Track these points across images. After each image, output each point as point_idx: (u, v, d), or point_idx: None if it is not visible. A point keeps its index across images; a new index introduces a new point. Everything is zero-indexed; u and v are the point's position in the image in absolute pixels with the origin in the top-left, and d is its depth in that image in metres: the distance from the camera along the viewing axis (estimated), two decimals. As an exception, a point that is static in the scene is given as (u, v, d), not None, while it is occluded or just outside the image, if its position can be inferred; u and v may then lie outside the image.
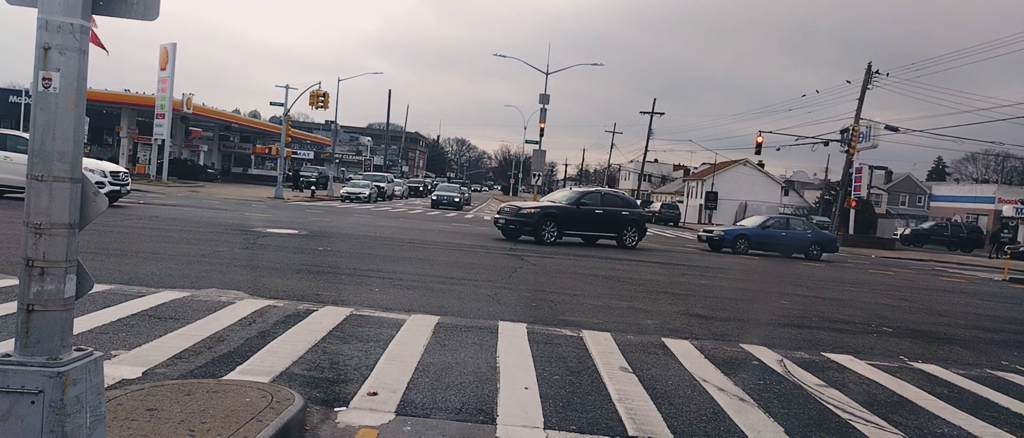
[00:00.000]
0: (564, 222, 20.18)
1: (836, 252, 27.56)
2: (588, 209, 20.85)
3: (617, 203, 21.95)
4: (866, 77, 37.41)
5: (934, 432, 5.43)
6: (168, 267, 9.89)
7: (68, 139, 2.90)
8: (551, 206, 20.88)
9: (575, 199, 21.20)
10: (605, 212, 21.09)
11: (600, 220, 20.99)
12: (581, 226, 20.81)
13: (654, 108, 68.81)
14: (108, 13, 3.08)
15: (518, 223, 20.08)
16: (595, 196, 21.69)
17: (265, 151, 68.55)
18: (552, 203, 21.42)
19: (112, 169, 20.08)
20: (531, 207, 20.96)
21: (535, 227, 19.73)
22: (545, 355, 6.64)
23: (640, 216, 22.23)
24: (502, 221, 20.69)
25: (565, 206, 20.76)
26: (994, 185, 63.56)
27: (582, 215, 20.69)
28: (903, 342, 9.48)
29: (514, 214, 20.48)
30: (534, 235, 19.79)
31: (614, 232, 21.30)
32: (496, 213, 21.88)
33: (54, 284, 2.90)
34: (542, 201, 22.56)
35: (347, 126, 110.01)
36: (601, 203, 21.32)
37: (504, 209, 21.34)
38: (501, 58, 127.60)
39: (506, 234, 20.71)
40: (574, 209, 20.63)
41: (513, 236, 20.44)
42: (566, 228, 20.28)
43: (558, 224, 19.99)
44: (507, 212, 20.92)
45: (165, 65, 41.60)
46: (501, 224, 20.75)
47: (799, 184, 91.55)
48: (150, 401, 4.20)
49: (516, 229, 20.15)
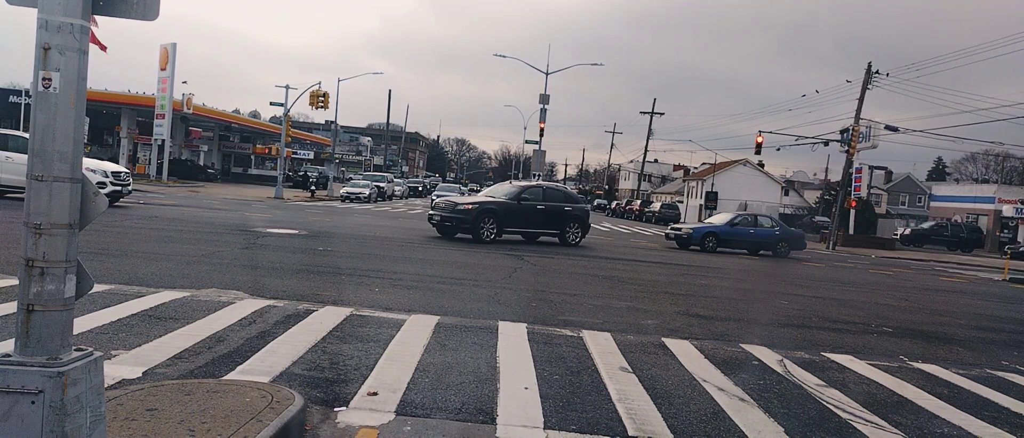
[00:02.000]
0: (504, 218, 18.91)
1: (803, 249, 27.63)
2: (529, 204, 19.62)
3: (559, 198, 20.81)
4: (866, 77, 37.40)
5: (934, 432, 5.43)
6: (168, 267, 9.89)
7: (68, 139, 2.90)
8: (490, 202, 19.40)
9: (516, 194, 19.84)
10: (547, 208, 19.95)
11: (542, 216, 19.85)
12: (522, 222, 19.60)
13: (654, 108, 69.00)
14: (108, 13, 3.08)
15: (455, 220, 18.69)
16: (536, 191, 20.50)
17: (265, 151, 68.54)
18: (491, 198, 19.87)
19: (114, 169, 20.09)
20: (468, 203, 19.47)
21: (473, 224, 18.42)
22: (545, 355, 6.64)
23: (584, 211, 21.19)
24: (437, 218, 19.24)
25: (505, 201, 19.40)
26: (994, 185, 63.52)
27: (523, 211, 19.47)
28: (903, 342, 9.48)
29: (450, 210, 18.97)
30: (471, 232, 18.49)
31: (557, 229, 20.27)
32: (430, 209, 20.29)
33: (54, 284, 2.90)
34: (479, 196, 21.12)
35: (347, 126, 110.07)
36: (543, 198, 20.14)
37: (439, 204, 19.82)
38: (501, 58, 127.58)
39: (441, 232, 19.35)
40: (515, 204, 19.35)
41: (449, 234, 19.12)
42: (506, 225, 19.02)
43: (498, 221, 18.72)
44: (442, 208, 19.35)
45: (165, 65, 41.61)
46: (436, 221, 19.32)
47: (799, 184, 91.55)
48: (150, 401, 4.20)
49: (452, 226, 18.78)
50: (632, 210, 61.93)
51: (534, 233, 20.25)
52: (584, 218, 20.89)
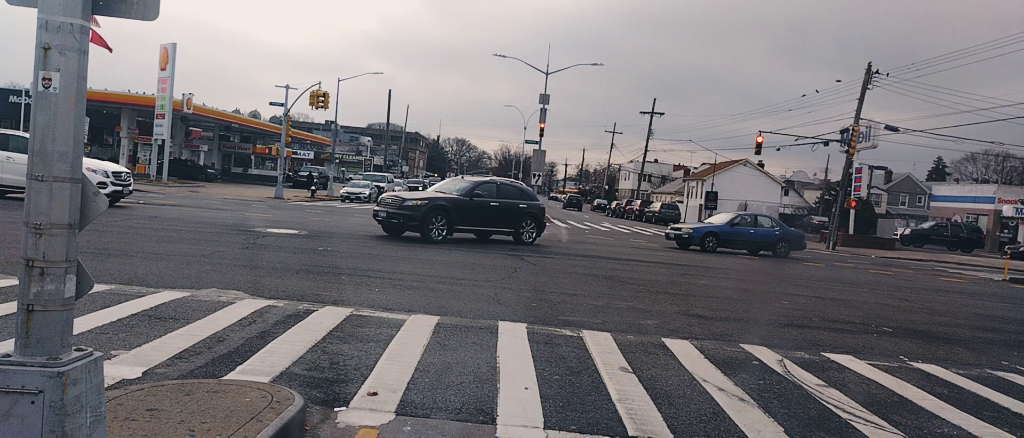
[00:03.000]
0: (455, 216, 17.77)
1: (803, 249, 27.61)
2: (483, 201, 18.47)
3: (514, 194, 19.64)
4: (866, 77, 37.39)
5: (934, 432, 5.43)
6: (168, 267, 9.89)
7: (68, 139, 2.90)
8: (440, 198, 18.13)
9: (468, 190, 18.61)
10: (502, 205, 18.87)
11: (496, 213, 18.76)
12: (475, 220, 18.49)
13: (654, 108, 69.01)
14: (108, 13, 3.08)
15: (402, 217, 17.40)
16: (490, 186, 19.35)
17: (265, 151, 68.56)
18: (442, 194, 18.63)
19: (115, 169, 20.10)
20: (417, 199, 17.97)
21: (421, 222, 17.22)
22: (545, 355, 6.64)
23: (539, 209, 20.01)
24: (382, 214, 17.87)
25: (457, 198, 18.18)
26: (994, 185, 63.47)
27: (476, 208, 18.33)
28: (903, 342, 9.48)
29: (397, 206, 17.58)
30: (420, 231, 17.33)
31: (511, 227, 19.21)
32: (375, 204, 18.83)
33: (54, 284, 2.90)
34: (429, 192, 19.79)
35: (347, 126, 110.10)
36: (497, 194, 19.01)
37: (385, 200, 18.35)
38: (501, 58, 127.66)
39: (387, 230, 18.21)
40: (467, 201, 18.18)
41: (395, 232, 17.96)
42: (458, 223, 17.92)
43: (448, 218, 17.58)
44: (389, 204, 17.92)
45: (165, 65, 41.61)
46: (381, 218, 17.97)
47: (799, 184, 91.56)
48: (150, 401, 4.20)
49: (399, 224, 17.56)
50: (632, 210, 61.92)
51: (487, 231, 19.30)
52: (539, 215, 20.00)
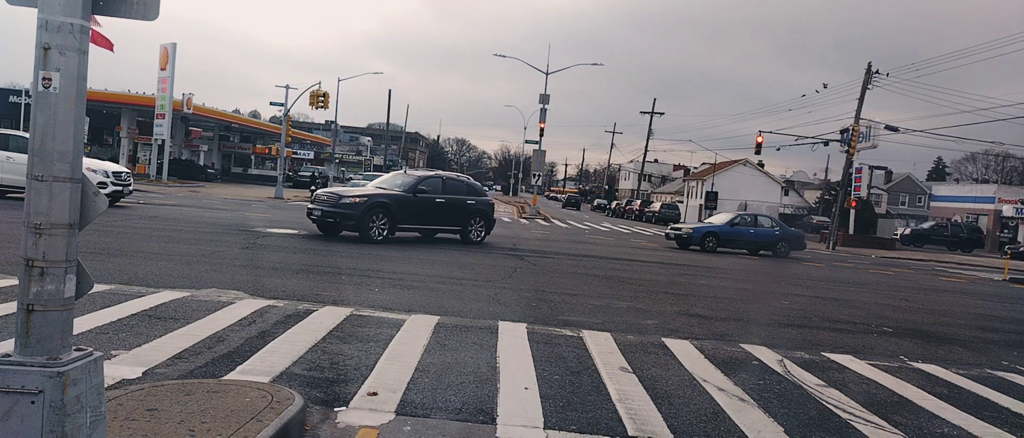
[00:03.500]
0: (398, 214, 16.57)
1: (803, 249, 27.59)
2: (427, 197, 17.36)
3: (461, 190, 18.59)
4: (866, 77, 37.38)
5: (934, 432, 5.43)
6: (168, 267, 9.89)
7: (68, 139, 2.90)
8: (381, 194, 16.81)
9: (411, 185, 17.36)
10: (448, 201, 17.81)
11: (442, 210, 17.71)
12: (419, 218, 17.36)
13: (654, 108, 69.06)
14: (108, 13, 3.08)
15: (338, 216, 16.09)
16: (435, 181, 18.16)
17: (265, 151, 68.54)
18: (383, 191, 17.22)
19: (115, 169, 20.10)
20: (355, 195, 16.56)
21: (360, 220, 15.90)
22: (545, 355, 6.64)
23: (488, 205, 18.95)
24: (317, 213, 16.47)
25: (399, 194, 16.96)
26: (994, 185, 63.49)
27: (420, 205, 17.20)
28: (903, 342, 9.48)
29: (333, 204, 16.23)
30: (359, 230, 16.04)
31: (458, 224, 18.20)
32: (310, 202, 17.39)
33: (54, 284, 2.90)
34: (368, 188, 18.11)
35: (347, 126, 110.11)
36: (442, 190, 17.91)
37: (321, 197, 16.91)
38: (501, 58, 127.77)
39: (323, 229, 17.03)
40: (410, 197, 17.01)
41: (332, 231, 16.79)
42: (401, 221, 16.74)
43: (390, 217, 16.36)
44: (324, 202, 16.52)
45: (165, 65, 41.60)
46: (316, 217, 16.60)
47: (799, 184, 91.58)
48: (150, 401, 4.20)
49: (335, 223, 16.34)
50: (632, 210, 61.93)
51: (432, 230, 18.28)
52: (488, 212, 18.96)
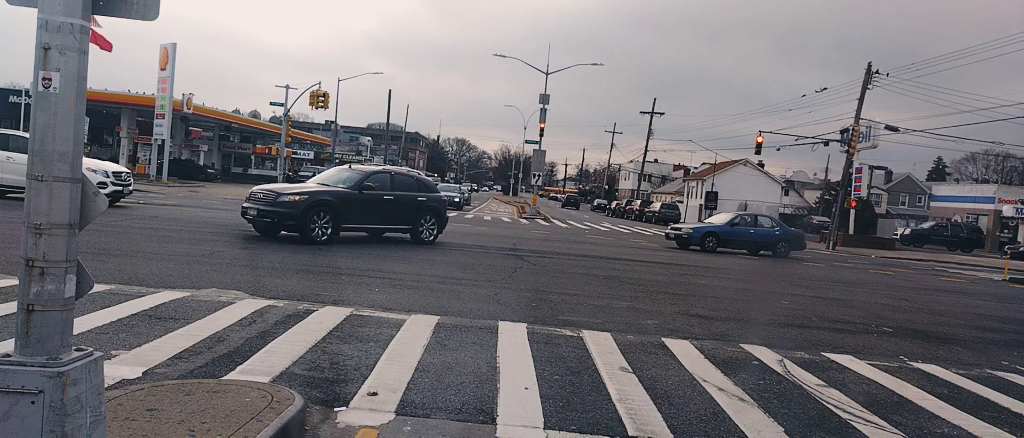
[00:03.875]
0: (342, 212, 15.22)
1: (803, 249, 27.55)
2: (374, 194, 16.09)
3: (411, 186, 17.35)
4: (866, 77, 37.37)
5: (934, 432, 5.43)
6: (168, 267, 9.89)
7: (68, 139, 2.90)
8: (324, 192, 15.32)
9: (357, 182, 15.99)
10: (397, 198, 16.58)
11: (391, 208, 16.47)
12: (366, 217, 16.08)
13: (654, 108, 69.03)
14: (108, 13, 3.08)
15: (277, 215, 14.55)
16: (383, 177, 16.84)
17: (265, 151, 68.50)
18: (325, 188, 15.75)
19: (115, 169, 20.10)
20: (295, 193, 15.01)
21: (301, 220, 14.43)
22: (545, 355, 6.64)
23: (440, 202, 17.76)
24: (253, 212, 14.88)
25: (344, 191, 15.61)
26: (994, 185, 63.48)
27: (367, 202, 15.91)
28: (903, 342, 9.48)
29: (271, 202, 14.67)
30: (299, 230, 14.61)
31: (409, 223, 16.99)
32: (245, 200, 15.60)
33: (54, 284, 2.90)
34: (309, 185, 16.70)
35: (347, 126, 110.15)
36: (391, 186, 16.69)
37: (256, 195, 15.20)
38: (501, 58, 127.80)
39: (259, 230, 15.44)
40: (356, 194, 15.69)
41: (269, 232, 15.25)
42: (346, 221, 15.43)
43: (334, 215, 14.98)
44: (260, 200, 14.91)
45: (165, 65, 41.59)
46: (252, 216, 14.99)
47: (799, 184, 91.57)
48: (150, 401, 4.20)
49: (274, 223, 14.74)
50: (632, 210, 61.92)
51: (380, 229, 17.12)
52: (441, 210, 17.74)
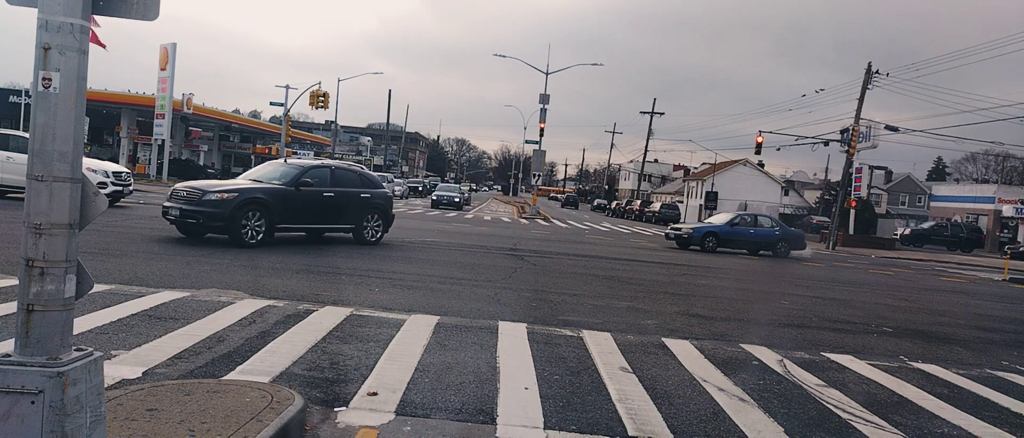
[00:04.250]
0: (277, 211, 13.63)
1: (804, 249, 27.48)
2: (313, 191, 14.55)
3: (353, 182, 15.75)
4: (866, 77, 37.37)
5: (934, 432, 5.43)
6: (168, 267, 9.89)
7: (68, 139, 2.90)
8: (256, 189, 13.68)
9: (293, 177, 14.42)
10: (338, 195, 15.07)
11: (331, 206, 14.99)
12: (304, 216, 14.52)
13: (654, 108, 69.05)
14: (108, 13, 3.08)
15: (202, 215, 12.88)
16: (322, 172, 15.16)
17: (265, 151, 68.52)
18: (258, 184, 14.12)
19: (115, 169, 20.12)
20: (223, 190, 13.32)
21: (230, 221, 12.81)
22: (545, 355, 6.64)
23: (385, 199, 16.31)
24: (175, 212, 13.23)
25: (278, 188, 14.02)
26: (994, 185, 63.47)
27: (304, 200, 14.35)
28: (903, 342, 9.48)
29: (196, 201, 13.07)
30: (228, 232, 12.99)
31: (351, 222, 15.58)
32: (167, 199, 13.81)
33: (54, 284, 2.90)
34: (240, 181, 14.93)
35: (347, 126, 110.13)
36: (331, 182, 15.10)
37: (179, 193, 13.48)
38: (501, 58, 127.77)
39: (183, 231, 13.81)
40: (292, 191, 14.11)
41: (194, 233, 13.61)
42: (281, 220, 13.84)
43: (268, 215, 13.40)
44: (183, 198, 13.25)
45: (165, 65, 41.59)
46: (174, 217, 13.33)
47: (799, 184, 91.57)
48: (150, 401, 4.20)
49: (199, 224, 13.01)
50: (632, 210, 61.92)
51: (320, 229, 15.66)
52: (386, 207, 16.34)
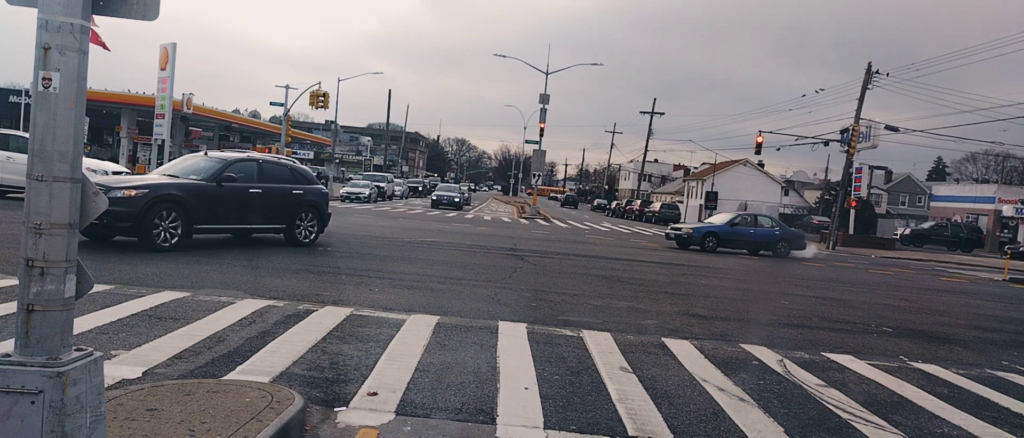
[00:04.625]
0: (195, 210, 12.08)
1: (804, 248, 27.40)
2: (237, 188, 12.88)
3: (284, 177, 14.10)
4: (866, 77, 37.36)
5: (934, 432, 5.43)
6: (168, 267, 9.89)
7: (68, 139, 2.90)
8: (169, 184, 12.12)
9: (214, 172, 12.68)
10: (266, 191, 13.47)
11: (259, 204, 13.33)
12: (226, 215, 12.85)
13: (654, 108, 69.02)
14: (108, 13, 3.08)
15: (107, 215, 10.48)
16: (248, 167, 13.45)
17: (265, 151, 68.60)
18: (172, 178, 12.52)
19: (115, 169, 20.12)
20: (131, 186, 11.62)
21: (139, 220, 11.23)
22: (545, 355, 6.64)
23: (320, 196, 14.74)
24: None
25: (197, 184, 12.35)
26: (994, 185, 63.45)
27: (227, 197, 12.72)
28: (903, 342, 9.48)
29: None
30: (137, 233, 11.37)
31: (282, 222, 13.90)
32: None
33: (54, 284, 2.90)
34: (153, 176, 13.35)
35: (347, 126, 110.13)
36: (258, 177, 13.47)
37: None
38: (501, 58, 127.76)
39: (86, 233, 11.55)
40: (213, 188, 12.46)
41: (99, 236, 11.97)
42: (200, 220, 12.26)
43: (184, 214, 11.87)
44: None
45: (165, 65, 41.47)
46: None
47: (799, 184, 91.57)
48: (150, 401, 4.20)
49: (103, 225, 11.13)
50: (632, 210, 61.90)
51: (246, 229, 13.98)
52: (321, 205, 14.72)
